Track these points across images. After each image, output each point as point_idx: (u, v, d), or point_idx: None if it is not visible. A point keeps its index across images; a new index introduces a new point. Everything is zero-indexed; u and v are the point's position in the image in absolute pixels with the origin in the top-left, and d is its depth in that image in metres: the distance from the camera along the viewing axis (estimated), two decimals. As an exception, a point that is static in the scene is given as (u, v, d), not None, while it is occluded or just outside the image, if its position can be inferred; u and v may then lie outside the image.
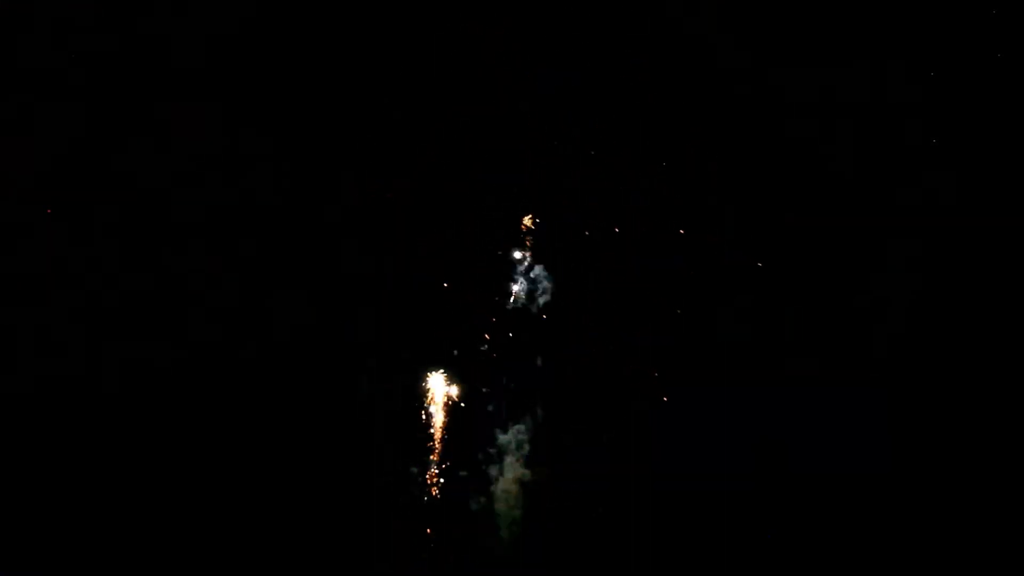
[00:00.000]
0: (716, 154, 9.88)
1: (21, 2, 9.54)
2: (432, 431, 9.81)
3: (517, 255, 9.93)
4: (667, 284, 9.94)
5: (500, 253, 9.95)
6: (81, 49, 9.58)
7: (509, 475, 9.72)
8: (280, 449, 9.59)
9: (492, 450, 9.74)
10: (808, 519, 9.64)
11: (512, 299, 9.89)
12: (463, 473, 9.77)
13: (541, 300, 9.93)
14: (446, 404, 9.83)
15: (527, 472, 9.70)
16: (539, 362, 9.88)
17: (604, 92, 9.86)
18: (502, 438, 9.77)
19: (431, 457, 9.76)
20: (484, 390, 9.85)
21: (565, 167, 9.90)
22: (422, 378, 9.82)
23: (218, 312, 9.71)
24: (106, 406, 9.49)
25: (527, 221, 9.91)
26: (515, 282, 9.91)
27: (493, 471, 9.74)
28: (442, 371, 9.84)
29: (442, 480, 9.72)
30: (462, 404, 9.84)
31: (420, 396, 9.82)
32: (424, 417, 9.81)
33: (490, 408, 9.83)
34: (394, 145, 9.85)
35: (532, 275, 9.95)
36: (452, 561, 9.66)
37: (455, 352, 9.88)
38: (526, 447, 9.73)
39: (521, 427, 9.77)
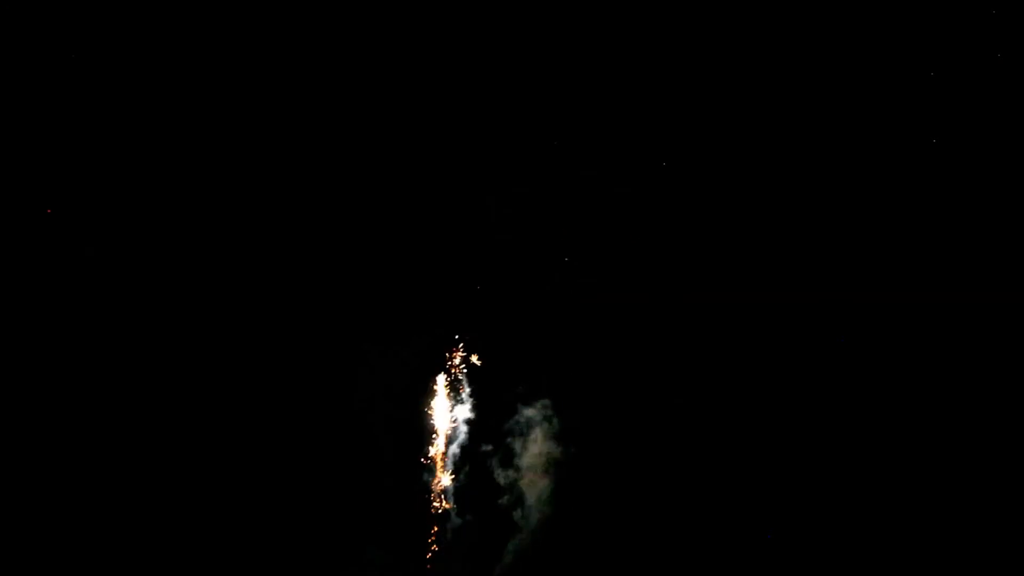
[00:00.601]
0: (716, 154, 9.91)
1: (21, 2, 9.57)
2: (449, 419, 9.90)
3: (520, 252, 9.98)
4: (666, 283, 9.98)
5: (501, 251, 9.99)
6: (81, 49, 9.61)
7: (533, 450, 9.82)
8: (288, 438, 9.65)
9: (519, 423, 9.85)
10: (807, 518, 9.69)
11: (514, 292, 9.97)
12: (487, 448, 9.89)
13: (544, 295, 10.00)
14: (462, 387, 9.93)
15: (552, 448, 9.80)
16: (543, 355, 9.98)
17: (604, 92, 9.89)
18: (527, 413, 9.87)
19: (445, 447, 9.86)
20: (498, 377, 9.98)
21: (567, 167, 9.92)
22: (429, 372, 9.91)
23: (218, 312, 9.73)
24: (106, 406, 9.51)
25: (529, 220, 9.95)
26: (517, 277, 9.98)
27: (517, 447, 9.85)
28: (447, 365, 9.91)
29: (462, 460, 9.87)
30: (476, 390, 9.94)
31: (429, 389, 9.91)
32: (434, 411, 9.91)
33: (501, 396, 9.95)
34: (394, 145, 9.87)
35: (534, 272, 10.02)
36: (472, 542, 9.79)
37: (458, 345, 9.94)
38: (541, 427, 9.83)
39: (525, 416, 9.86)
